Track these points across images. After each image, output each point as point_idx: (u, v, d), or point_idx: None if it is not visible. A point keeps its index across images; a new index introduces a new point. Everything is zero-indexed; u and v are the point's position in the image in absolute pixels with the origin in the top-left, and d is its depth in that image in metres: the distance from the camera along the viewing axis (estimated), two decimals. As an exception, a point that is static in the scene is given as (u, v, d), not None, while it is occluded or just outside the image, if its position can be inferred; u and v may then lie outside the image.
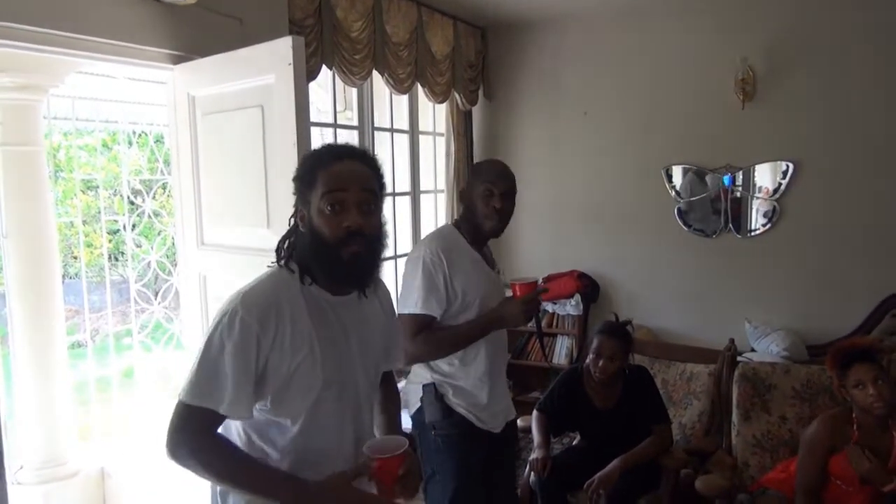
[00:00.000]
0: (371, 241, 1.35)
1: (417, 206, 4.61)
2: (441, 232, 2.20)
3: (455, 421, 2.08)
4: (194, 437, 1.29)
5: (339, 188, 1.32)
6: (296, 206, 1.41)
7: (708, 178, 4.35)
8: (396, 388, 1.71)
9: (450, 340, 2.06)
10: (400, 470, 1.35)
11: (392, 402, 1.65)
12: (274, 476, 1.33)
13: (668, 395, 3.25)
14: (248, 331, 1.28)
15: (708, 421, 3.18)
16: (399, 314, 1.91)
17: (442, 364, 2.10)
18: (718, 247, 4.37)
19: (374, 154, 1.44)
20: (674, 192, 4.44)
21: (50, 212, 3.28)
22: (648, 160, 4.48)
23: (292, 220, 1.43)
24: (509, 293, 2.11)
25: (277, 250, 1.43)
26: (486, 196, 2.06)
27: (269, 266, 1.43)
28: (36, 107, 3.19)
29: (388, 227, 1.46)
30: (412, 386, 2.18)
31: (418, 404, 2.13)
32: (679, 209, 4.44)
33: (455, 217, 4.48)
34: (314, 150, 1.44)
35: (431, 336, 2.03)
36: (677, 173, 4.43)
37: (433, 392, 2.09)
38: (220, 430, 1.35)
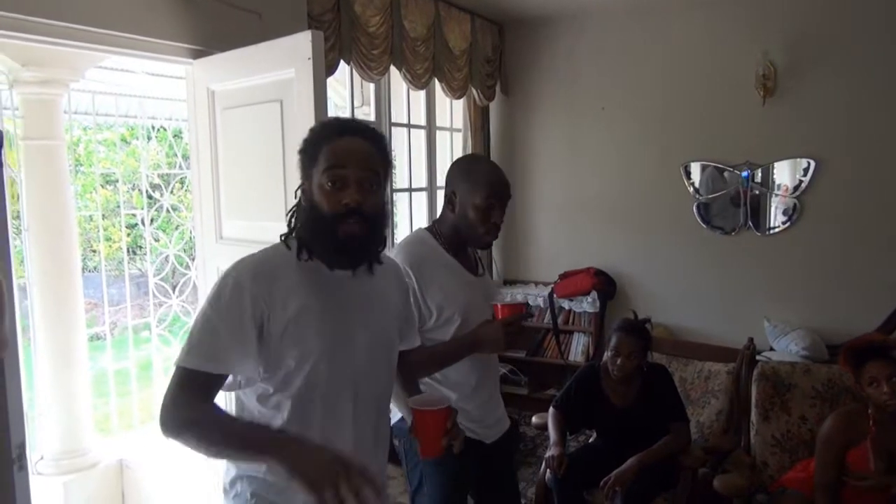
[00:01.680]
0: (369, 219, 1.32)
1: (434, 202, 4.60)
2: (410, 242, 2.02)
3: None
4: (191, 402, 1.26)
5: (341, 164, 1.30)
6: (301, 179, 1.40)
7: (727, 175, 4.30)
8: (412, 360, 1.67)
9: (423, 363, 1.88)
10: (448, 423, 1.36)
11: (411, 372, 1.65)
12: (265, 435, 1.25)
13: (686, 394, 3.22)
14: (241, 291, 1.28)
15: (726, 420, 3.15)
16: None
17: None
18: (737, 244, 4.33)
19: (380, 131, 1.41)
20: (692, 189, 4.40)
21: (70, 205, 3.31)
22: (667, 156, 4.43)
23: (297, 192, 1.40)
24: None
25: (288, 224, 1.43)
26: (486, 208, 1.90)
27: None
28: (57, 101, 3.22)
29: (393, 211, 1.44)
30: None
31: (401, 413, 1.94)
32: (698, 206, 4.40)
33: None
34: (320, 123, 1.41)
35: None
36: (696, 170, 4.39)
37: None
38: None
